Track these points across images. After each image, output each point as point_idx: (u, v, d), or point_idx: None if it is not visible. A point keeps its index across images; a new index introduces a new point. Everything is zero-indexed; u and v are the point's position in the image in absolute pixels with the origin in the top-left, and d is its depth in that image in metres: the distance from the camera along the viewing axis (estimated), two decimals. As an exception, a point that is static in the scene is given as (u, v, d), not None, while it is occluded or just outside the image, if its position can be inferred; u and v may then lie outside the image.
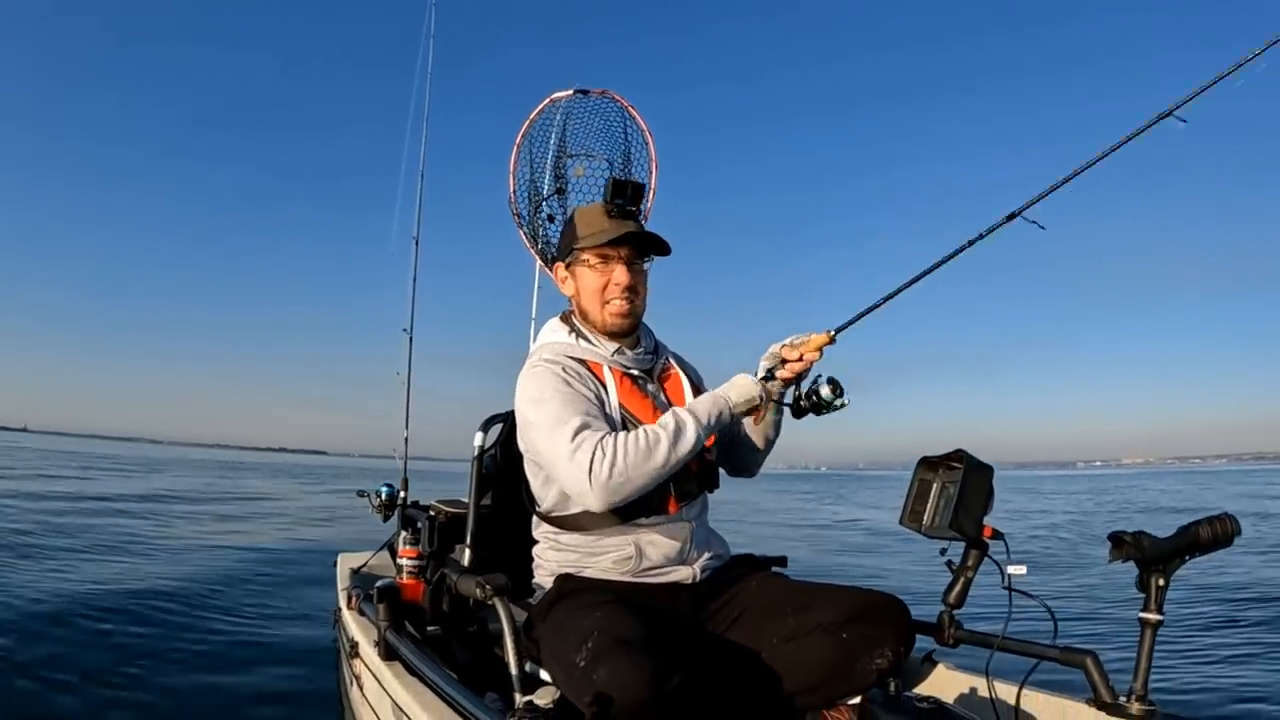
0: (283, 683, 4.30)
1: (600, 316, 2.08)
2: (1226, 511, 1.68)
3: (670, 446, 1.83)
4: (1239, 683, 4.61)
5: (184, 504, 14.09)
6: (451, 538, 2.75)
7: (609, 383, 2.03)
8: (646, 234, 2.06)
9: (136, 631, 5.11)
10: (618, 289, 2.05)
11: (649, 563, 1.97)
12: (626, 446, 1.81)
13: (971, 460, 1.88)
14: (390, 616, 2.43)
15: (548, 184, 2.85)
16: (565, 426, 1.85)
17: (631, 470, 1.80)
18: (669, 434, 1.84)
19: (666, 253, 2.10)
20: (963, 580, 1.97)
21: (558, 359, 2.03)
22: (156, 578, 7.05)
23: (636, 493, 1.84)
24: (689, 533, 2.03)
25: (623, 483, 1.79)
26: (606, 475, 1.78)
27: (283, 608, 6.24)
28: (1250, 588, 7.72)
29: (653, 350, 2.19)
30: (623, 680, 1.50)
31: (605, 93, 2.84)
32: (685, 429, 1.87)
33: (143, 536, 10.30)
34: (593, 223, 2.07)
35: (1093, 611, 6.64)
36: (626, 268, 2.06)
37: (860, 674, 1.84)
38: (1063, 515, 20.31)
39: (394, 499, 3.51)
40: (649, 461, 1.81)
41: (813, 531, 16.44)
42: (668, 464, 1.83)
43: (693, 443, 1.87)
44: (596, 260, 2.06)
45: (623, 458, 1.79)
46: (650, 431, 1.85)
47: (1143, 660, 1.70)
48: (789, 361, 2.04)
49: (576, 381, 1.98)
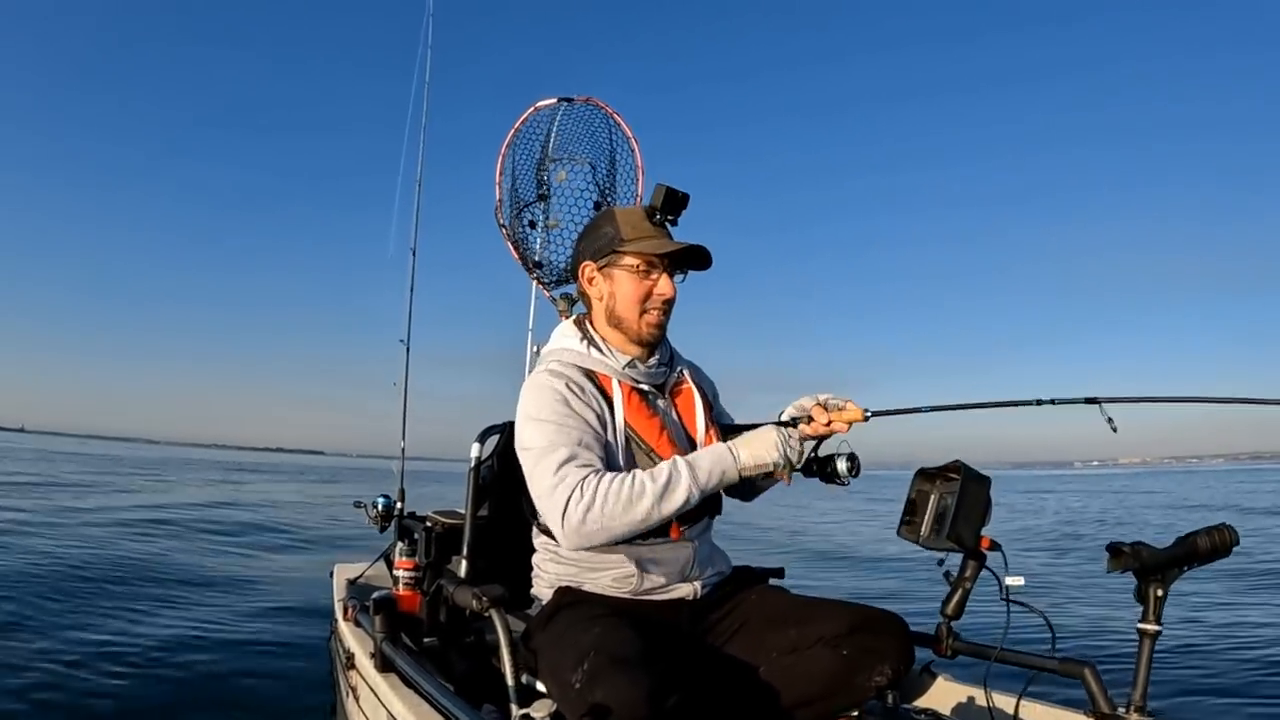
0: (277, 694, 4.28)
1: (636, 325, 2.00)
2: (1225, 522, 1.68)
3: (655, 503, 1.77)
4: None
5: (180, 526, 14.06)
6: (448, 549, 2.75)
7: (616, 399, 1.97)
8: (704, 250, 1.99)
9: (121, 642, 5.09)
10: (660, 299, 1.99)
11: (651, 583, 1.94)
12: (607, 494, 1.75)
13: (969, 471, 1.88)
14: (387, 628, 2.41)
15: (531, 191, 2.85)
16: (551, 457, 1.81)
17: (608, 520, 1.75)
18: (657, 488, 1.78)
19: (706, 267, 2.04)
20: (960, 591, 1.96)
21: (564, 371, 1.97)
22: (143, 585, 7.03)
23: (613, 540, 1.80)
24: (692, 552, 1.99)
25: (596, 530, 1.76)
26: (579, 520, 1.74)
27: (277, 617, 6.21)
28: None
29: (667, 362, 2.12)
30: (619, 699, 1.49)
31: (590, 100, 2.84)
32: (676, 487, 1.79)
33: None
34: (639, 226, 1.99)
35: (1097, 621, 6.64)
36: (670, 279, 2.00)
37: (860, 688, 1.83)
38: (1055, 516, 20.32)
39: (391, 510, 3.51)
40: (628, 514, 1.76)
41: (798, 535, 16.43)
42: (648, 520, 1.78)
43: (681, 502, 1.80)
44: (642, 266, 1.98)
45: (600, 505, 1.75)
46: (638, 482, 1.78)
47: (1141, 671, 1.70)
48: (815, 422, 1.89)
49: (578, 399, 1.91)
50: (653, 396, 2.05)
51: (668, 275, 1.99)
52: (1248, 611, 6.92)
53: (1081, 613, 6.90)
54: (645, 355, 2.06)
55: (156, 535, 10.82)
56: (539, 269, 3.12)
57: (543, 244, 3.19)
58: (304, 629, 5.74)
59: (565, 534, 1.77)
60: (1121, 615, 6.43)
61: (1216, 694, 4.58)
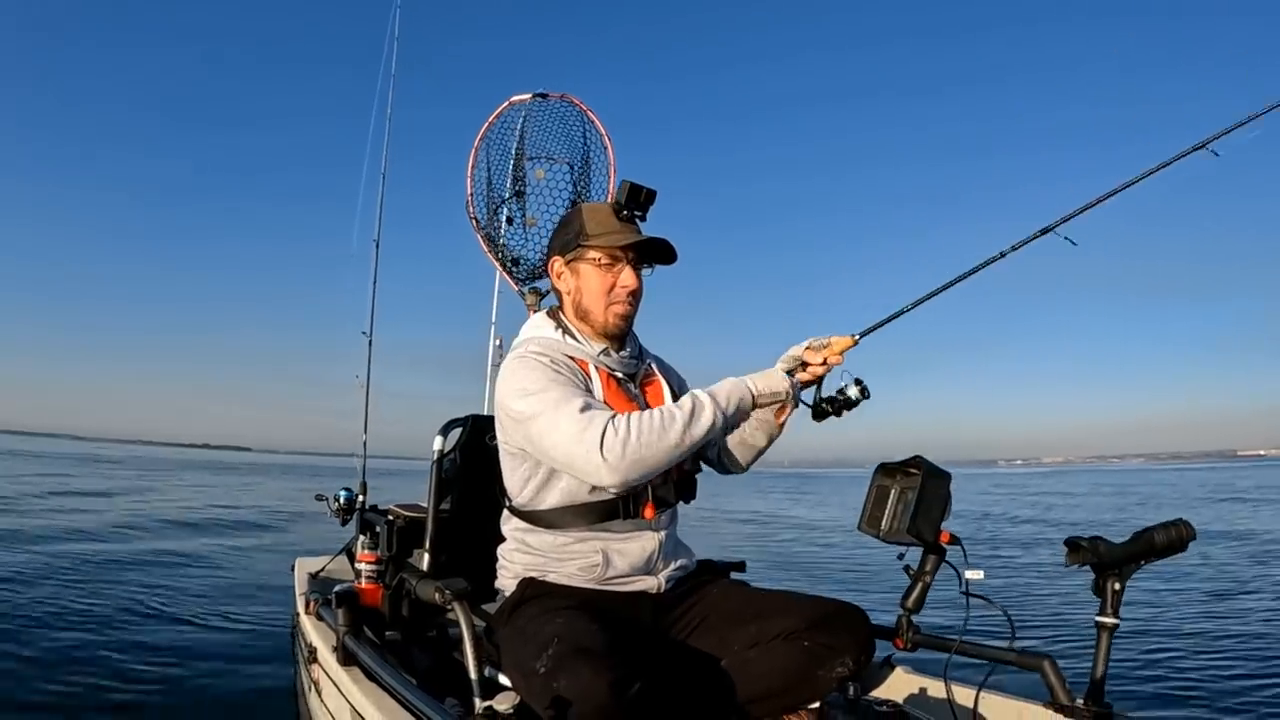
0: (239, 689, 4.24)
1: (602, 317, 2.02)
2: (1182, 518, 1.71)
3: (685, 426, 1.79)
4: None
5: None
6: (410, 542, 2.73)
7: (595, 382, 1.99)
8: (664, 243, 2.02)
9: (79, 636, 5.02)
10: (624, 292, 2.01)
11: (615, 571, 1.95)
12: (640, 424, 1.76)
13: (929, 466, 1.90)
14: (349, 621, 2.40)
15: (507, 187, 2.83)
16: (569, 405, 1.81)
17: (644, 448, 1.75)
18: (685, 414, 1.80)
19: (671, 262, 2.07)
20: (921, 585, 1.99)
21: (547, 351, 1.98)
22: (102, 578, 6.94)
23: (650, 472, 1.80)
24: (658, 543, 2.00)
25: (637, 460, 1.75)
26: (620, 451, 1.73)
27: (237, 612, 6.16)
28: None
29: (637, 354, 2.15)
30: (583, 688, 1.49)
31: (565, 96, 2.83)
32: (703, 410, 1.82)
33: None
34: (604, 222, 2.01)
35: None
36: (635, 271, 2.02)
37: (821, 681, 1.85)
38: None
39: (353, 503, 3.49)
40: (663, 440, 1.76)
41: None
42: (681, 445, 1.79)
43: (708, 425, 1.81)
44: (606, 260, 2.01)
45: (636, 435, 1.75)
46: (665, 410, 1.81)
47: (1099, 663, 1.73)
48: (810, 365, 2.00)
49: (566, 373, 1.93)
50: (626, 384, 2.07)
51: (632, 268, 2.01)
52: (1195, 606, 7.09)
53: (1037, 606, 7.02)
54: (616, 347, 2.08)
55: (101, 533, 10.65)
56: (515, 265, 3.10)
57: (520, 240, 3.17)
58: (264, 624, 5.70)
59: (609, 464, 1.74)
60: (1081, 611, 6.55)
61: (1175, 687, 4.69)
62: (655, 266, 2.08)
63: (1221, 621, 6.43)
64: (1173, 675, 4.90)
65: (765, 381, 1.93)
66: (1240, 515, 18.03)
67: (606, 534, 1.95)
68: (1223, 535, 13.43)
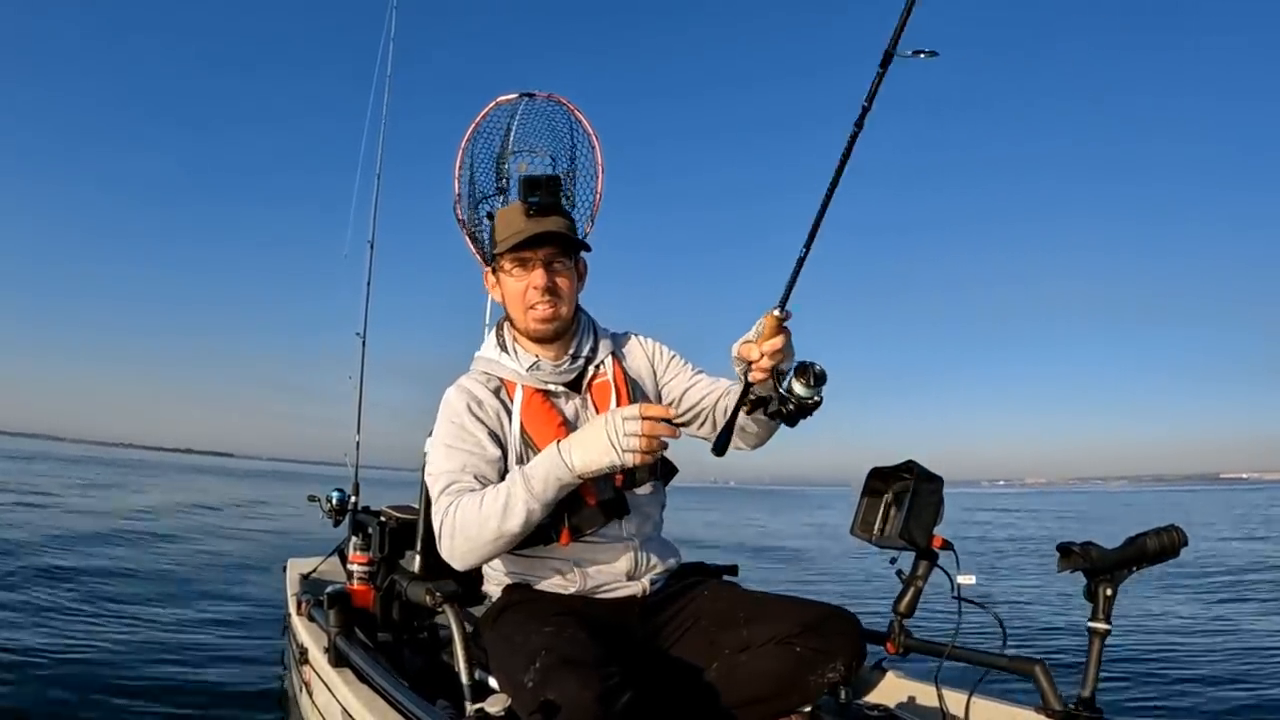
0: (231, 689, 4.23)
1: (525, 323, 1.98)
2: (1174, 524, 1.71)
3: (500, 521, 1.74)
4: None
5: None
6: (402, 543, 2.73)
7: (516, 404, 1.97)
8: (552, 233, 1.92)
9: (66, 640, 4.99)
10: (537, 293, 1.93)
11: (594, 581, 1.94)
12: (464, 519, 1.78)
13: (922, 471, 1.89)
14: (341, 623, 2.40)
15: (489, 183, 2.82)
16: (435, 487, 1.88)
17: (468, 542, 1.78)
18: (499, 508, 1.75)
19: (584, 248, 2.02)
20: (913, 589, 1.98)
21: (469, 386, 1.99)
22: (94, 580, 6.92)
23: (483, 559, 1.85)
24: (633, 551, 1.97)
25: (466, 551, 1.80)
26: (449, 547, 1.81)
27: (228, 613, 6.14)
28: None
29: (586, 355, 2.05)
30: (571, 700, 1.48)
31: (552, 96, 2.82)
32: (515, 504, 1.74)
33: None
34: (511, 224, 1.95)
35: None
36: (545, 269, 1.93)
37: (812, 685, 1.83)
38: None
39: (345, 504, 3.48)
40: (481, 535, 1.76)
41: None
42: (501, 537, 1.76)
43: (522, 518, 1.74)
44: (514, 265, 1.95)
45: (462, 529, 1.78)
46: (486, 502, 1.77)
47: (1091, 669, 1.73)
48: (755, 364, 1.69)
49: (472, 418, 1.93)
50: (561, 397, 2.01)
51: (542, 265, 1.94)
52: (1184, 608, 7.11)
53: (1030, 613, 7.04)
54: (557, 353, 2.02)
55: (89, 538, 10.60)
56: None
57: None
58: (256, 625, 5.69)
59: (447, 553, 1.83)
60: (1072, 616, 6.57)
61: (1166, 693, 4.70)
62: (578, 255, 2.02)
63: (1212, 628, 6.45)
64: (1164, 681, 4.91)
65: (583, 455, 1.72)
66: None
67: (581, 544, 1.93)
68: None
